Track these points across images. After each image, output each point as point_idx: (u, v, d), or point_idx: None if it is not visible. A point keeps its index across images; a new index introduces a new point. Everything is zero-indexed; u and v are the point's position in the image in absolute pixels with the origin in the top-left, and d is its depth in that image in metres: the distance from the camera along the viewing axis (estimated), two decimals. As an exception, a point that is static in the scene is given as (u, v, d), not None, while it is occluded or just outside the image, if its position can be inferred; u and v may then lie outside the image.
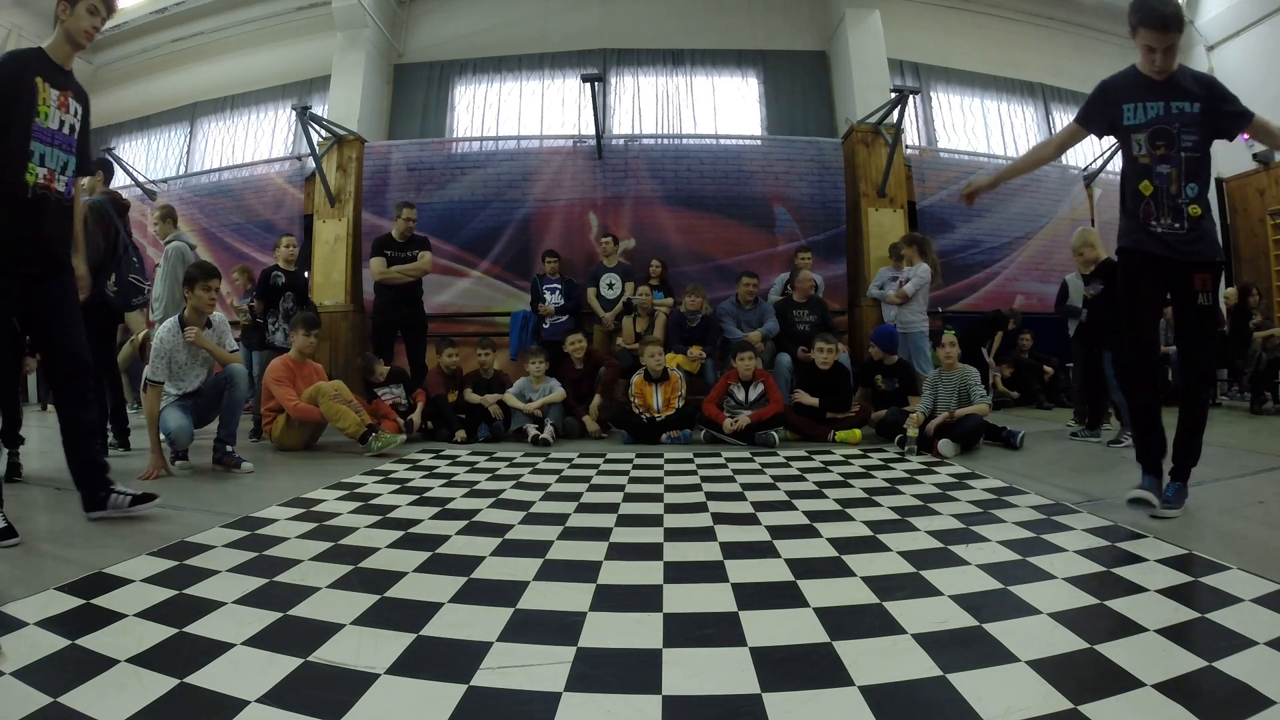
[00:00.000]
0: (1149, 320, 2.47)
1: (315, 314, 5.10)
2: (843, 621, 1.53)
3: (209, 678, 1.28)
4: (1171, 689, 1.19)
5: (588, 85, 6.60)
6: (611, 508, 2.68)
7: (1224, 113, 2.34)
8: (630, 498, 2.87)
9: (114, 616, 1.55)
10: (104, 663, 1.32)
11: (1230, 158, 8.07)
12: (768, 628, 1.51)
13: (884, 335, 5.18)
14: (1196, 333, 2.50)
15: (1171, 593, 1.65)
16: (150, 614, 1.57)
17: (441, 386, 5.03)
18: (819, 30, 7.84)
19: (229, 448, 3.60)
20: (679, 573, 1.89)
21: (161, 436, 3.48)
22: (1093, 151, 7.95)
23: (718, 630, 1.51)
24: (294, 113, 6.81)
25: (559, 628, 1.52)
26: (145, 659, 1.35)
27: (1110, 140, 3.14)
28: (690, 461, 3.80)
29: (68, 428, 2.43)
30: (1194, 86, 2.36)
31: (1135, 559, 1.91)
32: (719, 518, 2.50)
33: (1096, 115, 2.53)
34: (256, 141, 8.23)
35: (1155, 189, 2.36)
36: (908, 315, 5.49)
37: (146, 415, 3.52)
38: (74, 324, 2.44)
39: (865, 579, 1.81)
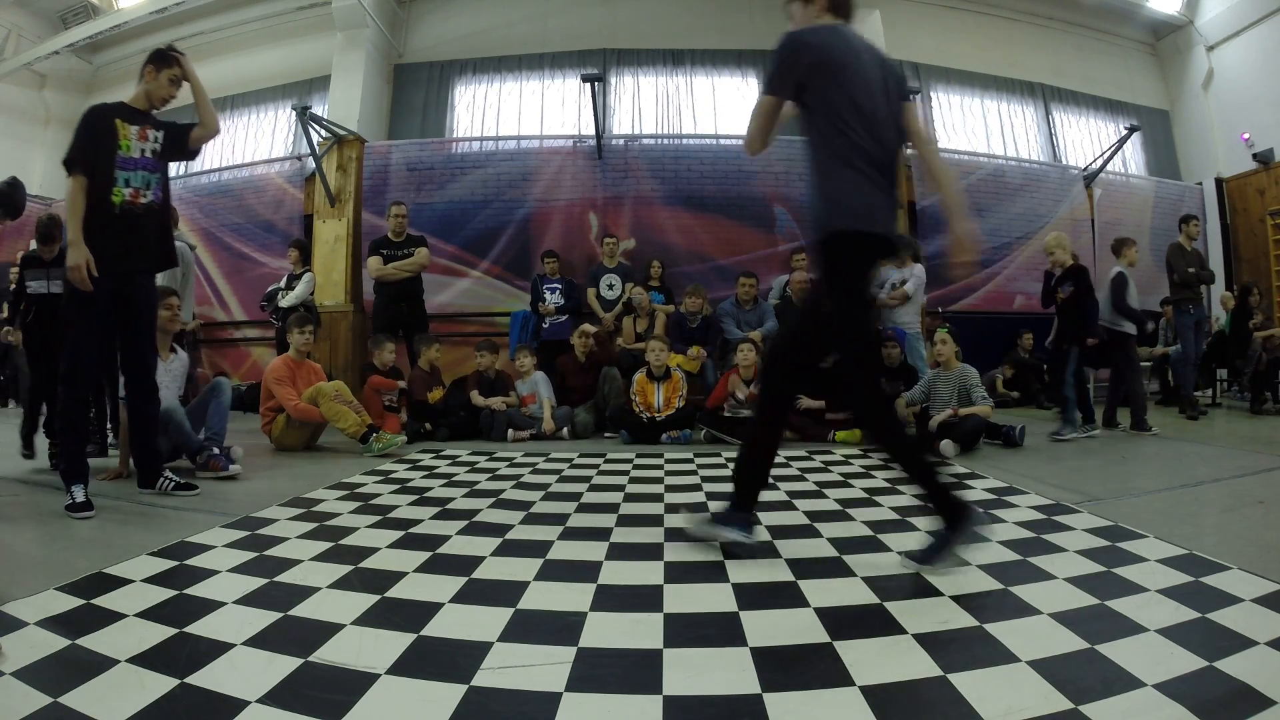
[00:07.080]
0: None
1: (308, 311, 5.11)
2: (843, 621, 1.53)
3: (209, 678, 1.27)
4: (1171, 689, 1.19)
5: (588, 85, 6.60)
6: (612, 508, 2.68)
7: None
8: (630, 498, 2.87)
9: (114, 616, 1.55)
10: (104, 663, 1.32)
11: (1230, 158, 8.08)
12: (768, 628, 1.51)
13: (898, 337, 5.23)
14: None
15: (1171, 593, 1.64)
16: (150, 614, 1.57)
17: (423, 388, 5.01)
18: (819, 30, 7.83)
19: (215, 450, 3.37)
20: (679, 573, 1.88)
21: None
22: (1093, 151, 7.96)
23: (718, 630, 1.51)
24: (294, 113, 6.80)
25: (559, 628, 1.52)
26: (145, 659, 1.34)
27: (1110, 140, 3.10)
28: (690, 461, 3.80)
29: (134, 418, 2.97)
30: None
31: (1135, 559, 1.91)
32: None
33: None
34: (256, 141, 8.24)
35: None
36: (903, 317, 5.48)
37: (121, 426, 3.30)
38: (150, 326, 3.00)
39: (865, 579, 1.80)
